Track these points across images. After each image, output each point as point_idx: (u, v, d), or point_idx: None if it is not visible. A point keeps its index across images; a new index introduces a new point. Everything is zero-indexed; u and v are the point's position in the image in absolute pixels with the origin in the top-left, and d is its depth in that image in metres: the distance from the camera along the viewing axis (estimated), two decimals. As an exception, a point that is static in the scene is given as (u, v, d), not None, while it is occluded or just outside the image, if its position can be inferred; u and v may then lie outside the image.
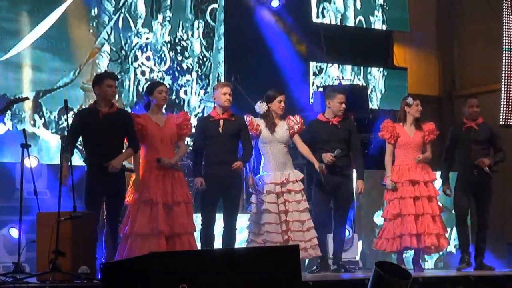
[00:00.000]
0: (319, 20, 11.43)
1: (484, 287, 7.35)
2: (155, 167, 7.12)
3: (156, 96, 7.23)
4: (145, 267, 4.62)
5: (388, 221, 8.16)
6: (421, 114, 8.24)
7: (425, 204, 8.03)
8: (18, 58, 9.41)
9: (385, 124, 8.21)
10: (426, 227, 7.98)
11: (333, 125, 7.89)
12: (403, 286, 5.36)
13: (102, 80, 7.03)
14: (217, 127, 7.39)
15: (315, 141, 7.84)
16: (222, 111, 7.44)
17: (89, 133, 6.98)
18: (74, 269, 6.28)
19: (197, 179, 7.34)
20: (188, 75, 10.53)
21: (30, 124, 9.33)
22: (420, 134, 8.17)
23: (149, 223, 7.02)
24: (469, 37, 12.21)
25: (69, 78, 9.66)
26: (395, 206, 8.07)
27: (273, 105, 7.68)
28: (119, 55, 10.07)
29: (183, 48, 10.53)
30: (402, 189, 8.06)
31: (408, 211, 7.98)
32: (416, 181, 8.06)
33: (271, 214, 7.49)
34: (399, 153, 8.17)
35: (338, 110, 7.87)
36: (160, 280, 4.51)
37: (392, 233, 8.07)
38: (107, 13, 10.03)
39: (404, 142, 8.14)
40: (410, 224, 7.95)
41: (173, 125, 7.26)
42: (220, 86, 7.51)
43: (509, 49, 9.79)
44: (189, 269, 4.59)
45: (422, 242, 7.98)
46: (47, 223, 6.33)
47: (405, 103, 8.23)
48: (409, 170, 8.09)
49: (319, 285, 6.59)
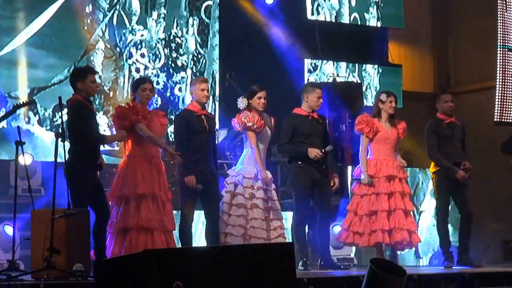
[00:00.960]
0: (313, 17, 11.44)
1: (479, 284, 7.36)
2: (143, 161, 7.10)
3: (140, 94, 7.18)
4: (139, 264, 4.61)
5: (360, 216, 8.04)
6: (395, 111, 8.16)
7: (398, 199, 7.98)
8: (12, 55, 9.39)
9: (363, 118, 8.13)
10: (397, 223, 7.92)
11: (313, 119, 7.85)
12: (398, 283, 5.36)
13: (85, 75, 6.95)
14: (202, 123, 7.35)
15: (295, 134, 7.78)
16: (201, 107, 7.41)
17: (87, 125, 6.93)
18: (69, 266, 6.28)
19: (189, 178, 7.24)
20: (182, 72, 10.53)
21: (24, 121, 9.31)
22: (395, 131, 8.13)
23: (155, 217, 7.01)
24: (463, 35, 12.24)
25: (63, 75, 9.64)
26: (372, 202, 7.99)
27: (253, 101, 7.58)
28: (113, 52, 10.06)
29: (177, 45, 10.53)
30: (378, 185, 8.00)
31: (382, 207, 7.93)
32: (393, 177, 8.02)
33: (259, 210, 7.46)
34: (376, 148, 8.08)
35: (315, 105, 7.82)
36: (155, 277, 4.49)
37: (369, 229, 7.98)
38: (102, 10, 10.02)
39: (383, 137, 8.07)
40: (383, 220, 7.91)
41: (158, 122, 7.27)
42: (198, 82, 7.43)
43: (503, 47, 9.81)
44: (184, 267, 4.58)
45: (393, 237, 7.93)
46: (41, 220, 6.34)
47: (379, 100, 8.19)
48: (387, 165, 8.05)
49: (314, 282, 6.58)
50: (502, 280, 7.50)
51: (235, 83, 9.38)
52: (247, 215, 7.42)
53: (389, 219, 7.93)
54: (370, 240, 7.98)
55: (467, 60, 12.15)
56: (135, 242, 6.91)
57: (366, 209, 7.98)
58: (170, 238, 7.13)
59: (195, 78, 8.83)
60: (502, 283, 7.45)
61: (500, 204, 10.65)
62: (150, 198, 7.02)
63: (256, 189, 7.49)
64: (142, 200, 7.01)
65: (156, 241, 6.96)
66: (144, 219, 6.96)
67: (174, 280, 4.49)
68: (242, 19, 10.70)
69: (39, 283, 5.87)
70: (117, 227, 7.03)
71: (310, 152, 7.65)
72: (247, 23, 10.74)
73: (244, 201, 7.45)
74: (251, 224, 7.42)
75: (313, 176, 7.75)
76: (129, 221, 6.97)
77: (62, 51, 9.69)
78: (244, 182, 7.47)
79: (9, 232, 7.55)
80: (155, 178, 7.09)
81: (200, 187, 7.25)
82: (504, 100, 9.70)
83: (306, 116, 7.84)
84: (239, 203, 7.44)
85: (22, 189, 7.23)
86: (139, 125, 7.01)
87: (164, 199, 7.12)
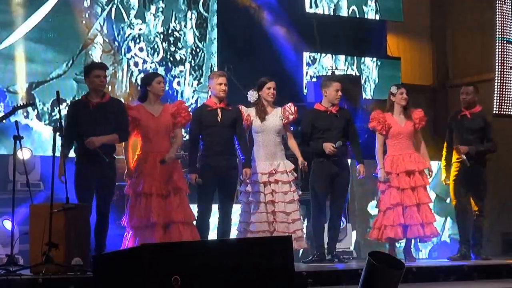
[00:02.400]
0: (312, 10, 11.42)
1: (478, 276, 7.38)
2: (152, 157, 7.15)
3: (155, 87, 7.25)
4: (137, 259, 4.59)
5: (384, 211, 8.12)
6: (408, 102, 8.19)
7: (421, 193, 8.06)
8: (11, 49, 9.37)
9: (375, 115, 8.17)
10: (425, 217, 8.03)
11: (331, 114, 7.87)
12: (396, 276, 5.33)
13: (89, 71, 7.06)
14: (215, 116, 7.38)
15: (313, 130, 7.83)
16: (218, 101, 7.44)
17: (81, 124, 6.98)
18: (67, 261, 6.32)
19: (191, 176, 7.31)
20: (181, 66, 10.52)
21: (23, 115, 9.31)
22: (411, 123, 8.16)
23: (144, 215, 7.06)
24: (462, 27, 12.21)
25: (62, 70, 9.65)
26: (394, 196, 8.04)
27: (263, 92, 7.66)
28: (112, 46, 10.05)
29: (176, 39, 10.52)
30: (399, 180, 8.04)
31: (412, 202, 8.00)
32: (412, 171, 8.06)
33: (257, 204, 7.51)
34: (391, 144, 8.14)
35: (334, 98, 7.86)
36: (152, 271, 4.49)
37: (392, 222, 8.03)
38: (100, 4, 10.00)
39: (396, 132, 8.12)
40: (415, 214, 7.99)
41: (168, 115, 7.27)
42: (215, 76, 7.49)
43: (502, 39, 9.80)
44: (181, 261, 4.58)
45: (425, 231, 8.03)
46: (40, 215, 6.36)
47: (390, 93, 8.23)
48: (403, 160, 8.09)
49: (313, 275, 6.62)
50: (501, 272, 7.52)
51: (234, 77, 9.37)
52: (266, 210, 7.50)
53: (419, 213, 8.01)
54: (405, 233, 8.04)
55: (465, 53, 12.13)
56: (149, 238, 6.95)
57: (390, 203, 8.04)
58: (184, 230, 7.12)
59: (212, 72, 8.88)
60: (501, 275, 7.46)
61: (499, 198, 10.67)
62: (155, 194, 7.08)
63: (252, 182, 7.55)
64: (148, 197, 7.08)
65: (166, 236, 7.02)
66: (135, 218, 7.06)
67: (172, 274, 4.49)
68: (240, 13, 10.67)
69: (38, 277, 5.91)
70: (131, 225, 7.12)
71: (325, 147, 7.70)
72: (245, 16, 10.72)
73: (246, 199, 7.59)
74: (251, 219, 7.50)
75: (331, 171, 7.80)
76: (139, 219, 7.06)
77: (60, 46, 9.67)
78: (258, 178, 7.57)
79: (7, 226, 7.57)
80: (160, 173, 7.11)
81: (200, 182, 7.26)
82: (503, 92, 9.69)
83: (324, 112, 7.87)
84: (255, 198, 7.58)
85: (21, 183, 7.27)
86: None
87: (163, 193, 7.13)
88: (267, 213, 7.52)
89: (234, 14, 10.66)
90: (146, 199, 7.09)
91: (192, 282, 4.56)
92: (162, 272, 4.50)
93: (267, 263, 4.81)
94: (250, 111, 7.70)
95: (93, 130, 6.92)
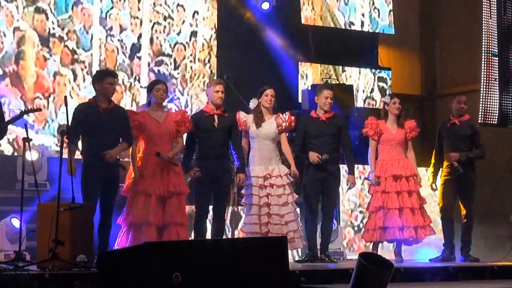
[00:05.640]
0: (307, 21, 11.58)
1: (463, 277, 7.56)
2: (153, 160, 7.34)
3: (154, 94, 7.46)
4: (140, 256, 4.79)
5: (370, 213, 8.43)
6: (401, 111, 8.44)
7: (406, 198, 8.28)
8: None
9: (369, 121, 8.44)
10: (405, 221, 8.24)
11: (321, 121, 8.08)
12: (385, 276, 5.52)
13: (103, 78, 7.23)
14: (212, 121, 7.60)
15: (306, 135, 8.05)
16: (215, 107, 7.67)
17: (89, 126, 7.14)
18: (73, 257, 6.48)
19: (189, 172, 7.52)
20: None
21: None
22: (402, 131, 8.41)
23: (142, 213, 7.22)
24: (450, 39, 12.33)
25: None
26: (377, 199, 8.33)
27: (262, 99, 7.89)
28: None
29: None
30: (385, 183, 8.30)
31: (394, 205, 8.24)
32: (399, 176, 8.32)
33: (252, 206, 7.71)
34: (382, 149, 8.40)
35: (324, 105, 8.06)
36: (154, 269, 4.67)
37: (374, 225, 8.32)
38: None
39: (387, 138, 8.38)
40: (395, 217, 8.22)
41: (172, 122, 7.47)
42: (213, 84, 7.72)
43: (488, 51, 9.98)
44: (182, 259, 4.76)
45: (403, 234, 8.25)
46: (47, 213, 6.52)
47: (384, 102, 8.50)
48: (392, 165, 8.34)
49: (305, 274, 6.78)
50: (485, 273, 7.71)
51: (232, 84, 9.57)
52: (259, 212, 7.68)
53: (400, 216, 8.23)
54: (375, 235, 8.27)
55: (453, 64, 12.27)
56: (143, 236, 7.10)
57: (373, 206, 8.31)
58: (181, 231, 7.31)
59: (211, 80, 9.07)
60: (484, 276, 7.66)
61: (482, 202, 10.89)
62: (154, 195, 7.25)
63: (247, 186, 7.76)
64: (147, 197, 7.24)
65: (164, 235, 7.19)
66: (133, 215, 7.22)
67: (173, 271, 4.69)
68: (238, 22, 10.84)
69: (44, 273, 6.05)
70: (126, 222, 7.27)
71: (310, 156, 7.94)
72: (243, 25, 10.88)
73: (252, 199, 7.73)
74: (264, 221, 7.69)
75: (323, 174, 8.00)
76: (135, 217, 7.21)
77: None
78: (252, 181, 7.75)
79: (16, 224, 7.67)
80: (161, 176, 7.31)
81: (199, 174, 7.47)
82: (488, 103, 9.89)
83: (315, 118, 8.08)
84: (248, 201, 7.76)
85: (29, 183, 7.35)
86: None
87: (172, 195, 7.32)
88: (259, 215, 7.71)
89: (233, 24, 10.80)
90: (145, 199, 7.25)
91: (192, 279, 4.76)
92: (163, 269, 4.69)
93: (263, 262, 5.02)
94: (248, 117, 7.94)
95: (101, 134, 7.11)
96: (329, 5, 11.61)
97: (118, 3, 10.11)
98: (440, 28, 12.55)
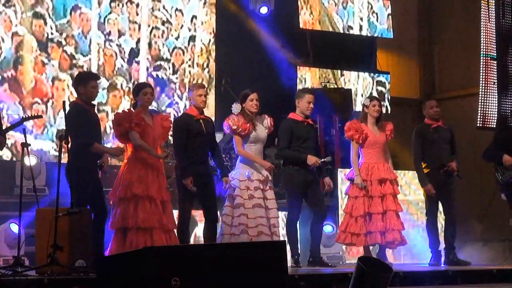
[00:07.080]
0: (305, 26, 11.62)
1: (462, 281, 7.56)
2: (145, 164, 7.26)
3: (141, 97, 7.36)
4: (139, 261, 4.75)
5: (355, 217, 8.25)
6: (380, 114, 8.40)
7: (390, 201, 8.20)
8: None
9: (352, 125, 8.32)
10: (389, 224, 8.15)
11: (309, 124, 8.09)
12: (384, 280, 5.50)
13: (87, 81, 7.22)
14: (200, 126, 7.57)
15: (292, 139, 8.00)
16: (199, 112, 7.64)
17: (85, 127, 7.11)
18: (71, 262, 6.48)
19: (186, 180, 7.43)
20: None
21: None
22: (383, 134, 8.34)
23: (130, 216, 7.12)
24: (448, 43, 12.37)
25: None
26: (366, 204, 8.21)
27: (246, 104, 7.78)
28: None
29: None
30: (371, 188, 8.21)
31: (377, 210, 8.16)
32: (384, 180, 8.25)
33: (261, 209, 7.64)
34: (366, 152, 8.30)
35: (305, 109, 8.02)
36: (153, 274, 4.64)
37: (359, 229, 8.20)
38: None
39: (373, 141, 8.27)
40: (379, 222, 8.15)
41: (159, 126, 7.44)
42: (195, 88, 7.68)
43: (486, 55, 10.02)
44: (181, 263, 4.73)
45: (386, 238, 8.16)
46: (45, 218, 6.52)
47: (363, 105, 8.42)
48: (378, 168, 8.27)
49: (305, 279, 6.78)
50: (483, 277, 7.73)
51: (231, 89, 9.58)
52: (248, 214, 7.60)
53: (383, 220, 8.17)
54: (367, 240, 8.21)
55: (451, 68, 12.30)
56: (135, 242, 7.04)
57: (361, 210, 8.20)
58: (171, 237, 7.27)
59: (193, 84, 8.98)
60: (483, 280, 7.67)
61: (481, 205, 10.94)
62: (147, 199, 7.16)
63: (253, 189, 7.68)
64: (139, 201, 7.14)
65: (156, 240, 7.09)
66: (141, 220, 7.09)
67: (172, 276, 4.65)
68: (237, 28, 10.86)
69: (43, 278, 6.04)
70: (116, 226, 7.16)
71: (309, 160, 7.91)
72: (242, 31, 10.90)
73: (243, 201, 7.63)
74: (254, 223, 7.61)
75: (306, 178, 8.00)
76: (128, 221, 7.11)
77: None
78: (240, 185, 7.68)
79: (14, 229, 7.68)
80: (153, 180, 7.24)
81: (195, 189, 7.44)
82: (486, 106, 9.91)
83: (301, 121, 8.05)
84: (238, 203, 7.64)
85: (27, 188, 7.35)
86: (132, 133, 7.19)
87: (163, 200, 7.28)
88: (259, 217, 7.66)
89: (232, 29, 10.81)
90: (136, 201, 7.16)
91: (191, 284, 4.71)
92: (162, 274, 4.65)
93: (262, 266, 4.97)
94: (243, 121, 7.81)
95: (96, 135, 7.20)
96: (327, 9, 11.65)
97: (116, 8, 10.17)
98: (438, 31, 12.60)
